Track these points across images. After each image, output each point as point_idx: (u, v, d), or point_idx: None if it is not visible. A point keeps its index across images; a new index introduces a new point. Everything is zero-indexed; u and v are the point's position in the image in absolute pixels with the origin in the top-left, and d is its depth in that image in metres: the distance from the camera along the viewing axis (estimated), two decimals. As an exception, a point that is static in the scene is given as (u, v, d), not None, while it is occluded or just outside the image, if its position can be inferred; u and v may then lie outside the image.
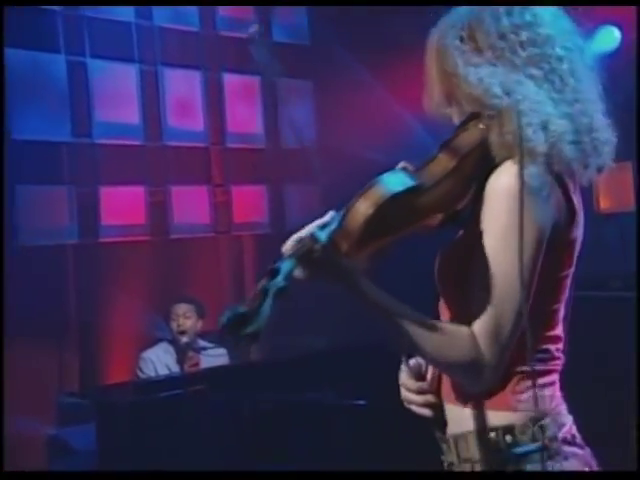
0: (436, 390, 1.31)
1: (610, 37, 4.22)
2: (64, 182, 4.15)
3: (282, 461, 2.48)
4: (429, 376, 1.33)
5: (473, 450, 1.23)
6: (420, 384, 1.31)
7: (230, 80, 4.76)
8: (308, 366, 3.12)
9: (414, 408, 1.32)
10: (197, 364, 3.76)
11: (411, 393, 1.32)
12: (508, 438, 1.21)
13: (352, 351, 3.34)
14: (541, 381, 1.24)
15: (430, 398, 1.30)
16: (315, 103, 4.92)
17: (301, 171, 4.82)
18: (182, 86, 4.60)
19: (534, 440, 1.20)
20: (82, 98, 4.23)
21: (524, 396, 1.23)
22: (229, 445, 2.59)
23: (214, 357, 3.68)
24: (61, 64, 4.15)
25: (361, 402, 2.66)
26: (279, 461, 2.48)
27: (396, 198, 1.13)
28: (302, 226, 1.16)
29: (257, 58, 1.07)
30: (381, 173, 1.18)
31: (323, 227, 1.12)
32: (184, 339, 3.73)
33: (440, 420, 1.30)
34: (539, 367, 1.24)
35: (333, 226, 1.11)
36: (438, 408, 1.30)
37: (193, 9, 4.62)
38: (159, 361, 3.72)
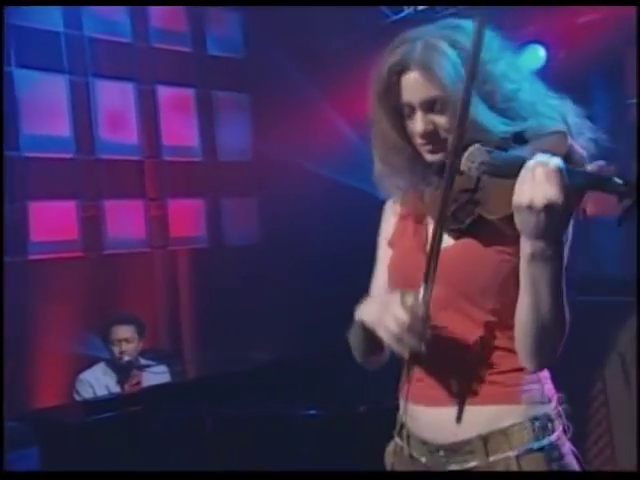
0: None
1: (535, 56, 4.38)
2: (-10, 197, 3.97)
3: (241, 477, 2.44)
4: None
5: (513, 442, 1.26)
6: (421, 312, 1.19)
7: (164, 92, 4.68)
8: (255, 379, 3.09)
9: (410, 340, 1.19)
10: (139, 383, 3.64)
11: (410, 320, 1.18)
12: (537, 427, 1.27)
13: (297, 364, 3.33)
14: (546, 374, 1.33)
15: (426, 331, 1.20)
16: (252, 116, 4.90)
17: (238, 184, 4.78)
18: (115, 98, 4.48)
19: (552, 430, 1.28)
20: (8, 109, 4.05)
21: (533, 388, 1.30)
22: (186, 462, 2.52)
23: (156, 374, 3.57)
24: (-16, 74, 3.98)
25: (312, 412, 2.67)
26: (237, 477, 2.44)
27: None
28: (239, 240, 1.12)
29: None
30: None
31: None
32: (125, 358, 3.60)
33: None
34: None
35: None
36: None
37: (125, 20, 4.53)
38: (98, 383, 3.57)
